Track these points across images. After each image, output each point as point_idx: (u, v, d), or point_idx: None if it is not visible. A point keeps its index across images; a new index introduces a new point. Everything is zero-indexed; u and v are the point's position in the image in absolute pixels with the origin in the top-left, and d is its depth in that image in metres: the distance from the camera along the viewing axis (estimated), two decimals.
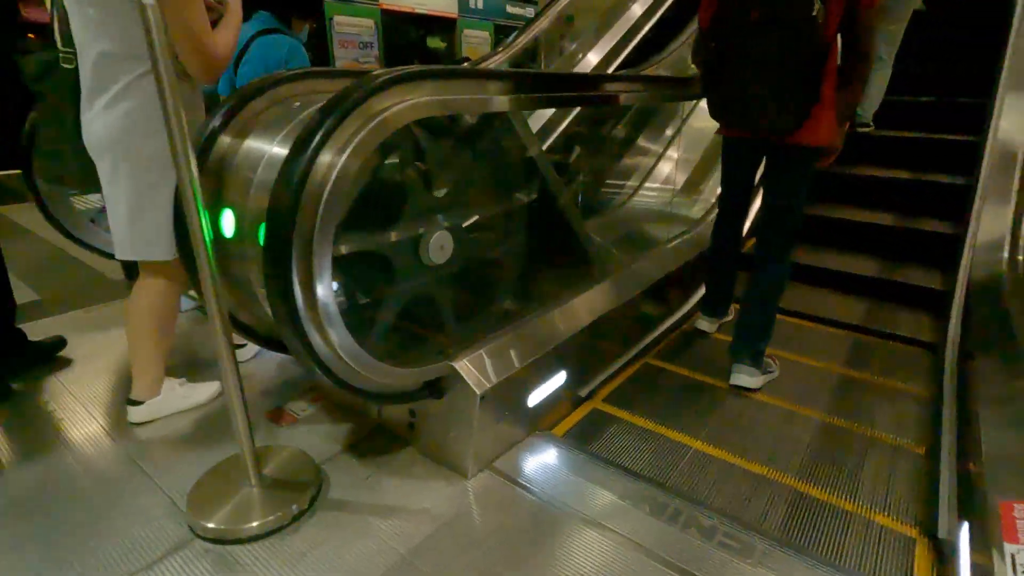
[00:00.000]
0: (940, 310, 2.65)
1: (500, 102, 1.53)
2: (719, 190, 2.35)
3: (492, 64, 4.36)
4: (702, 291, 2.84)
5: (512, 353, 1.65)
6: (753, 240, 2.39)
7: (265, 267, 1.13)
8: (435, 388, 1.52)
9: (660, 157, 3.84)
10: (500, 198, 1.86)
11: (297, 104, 1.47)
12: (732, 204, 2.33)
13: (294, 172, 1.11)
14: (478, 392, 1.49)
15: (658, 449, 1.77)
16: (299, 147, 1.13)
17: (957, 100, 3.73)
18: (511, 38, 4.51)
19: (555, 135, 3.40)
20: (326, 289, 1.16)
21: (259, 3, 2.21)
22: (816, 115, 1.85)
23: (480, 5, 10.15)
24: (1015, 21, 3.35)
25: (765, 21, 1.78)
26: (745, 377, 2.10)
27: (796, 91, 1.80)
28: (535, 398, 1.74)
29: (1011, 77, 3.12)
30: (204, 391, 1.88)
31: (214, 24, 1.46)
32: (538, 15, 4.64)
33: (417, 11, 8.96)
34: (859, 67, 1.82)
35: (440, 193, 1.54)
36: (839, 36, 1.82)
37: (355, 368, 1.29)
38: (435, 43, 9.70)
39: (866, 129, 3.64)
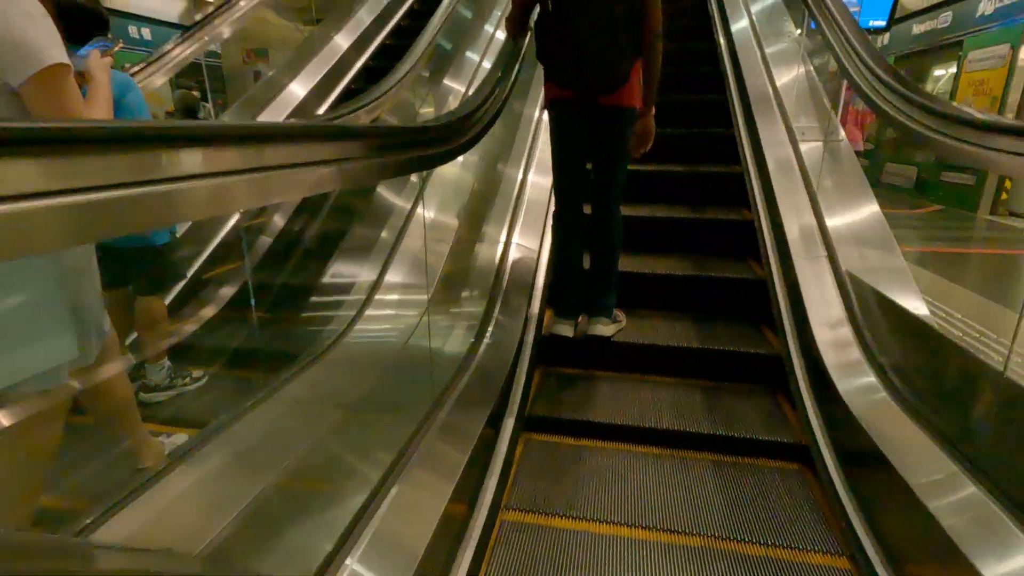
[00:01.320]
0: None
1: None
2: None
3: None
4: None
5: None
6: None
7: None
8: None
9: (392, 252, 2.50)
10: None
11: None
12: (572, 181, 2.35)
13: None
14: None
15: None
16: None
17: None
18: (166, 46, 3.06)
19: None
20: None
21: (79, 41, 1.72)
22: (631, 78, 2.14)
23: (149, 36, 8.26)
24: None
25: None
26: (602, 328, 2.35)
27: (626, 45, 2.09)
28: None
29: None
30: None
31: None
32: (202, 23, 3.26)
33: None
34: (651, 39, 2.10)
35: None
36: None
37: None
38: None
39: None
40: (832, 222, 2.40)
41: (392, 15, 4.71)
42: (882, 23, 8.07)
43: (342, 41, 3.93)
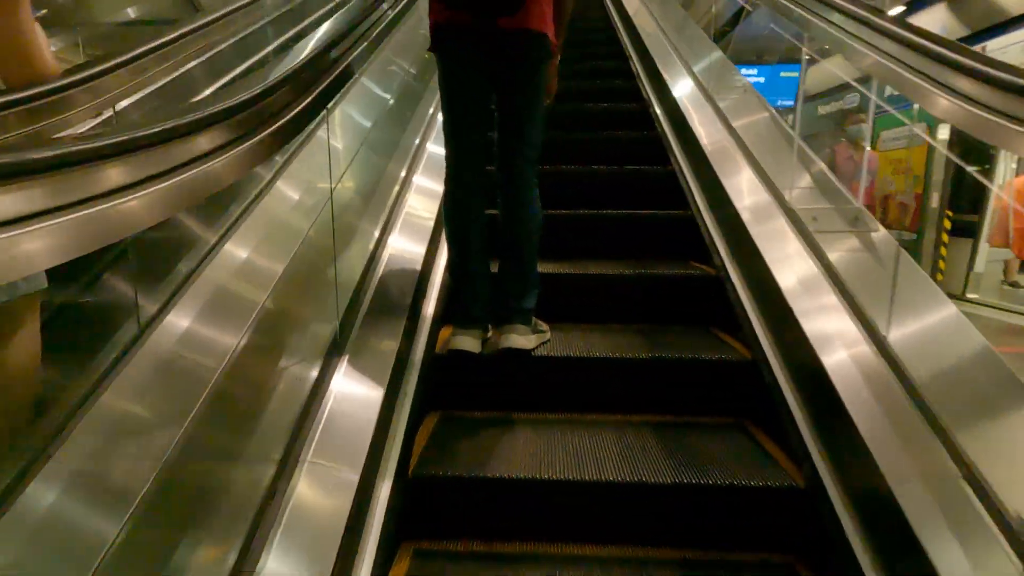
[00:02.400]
0: None
1: None
2: None
3: None
4: None
5: None
6: None
7: None
8: None
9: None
10: None
11: None
12: (469, 145, 1.79)
13: None
14: None
15: None
16: None
17: None
18: None
19: None
20: None
21: None
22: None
23: None
24: None
25: None
26: (520, 339, 1.75)
27: None
28: None
29: None
30: None
31: None
32: None
33: None
34: None
35: None
36: None
37: None
38: None
39: None
40: None
41: None
42: (789, 102, 8.24)
43: None
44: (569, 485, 1.37)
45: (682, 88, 3.22)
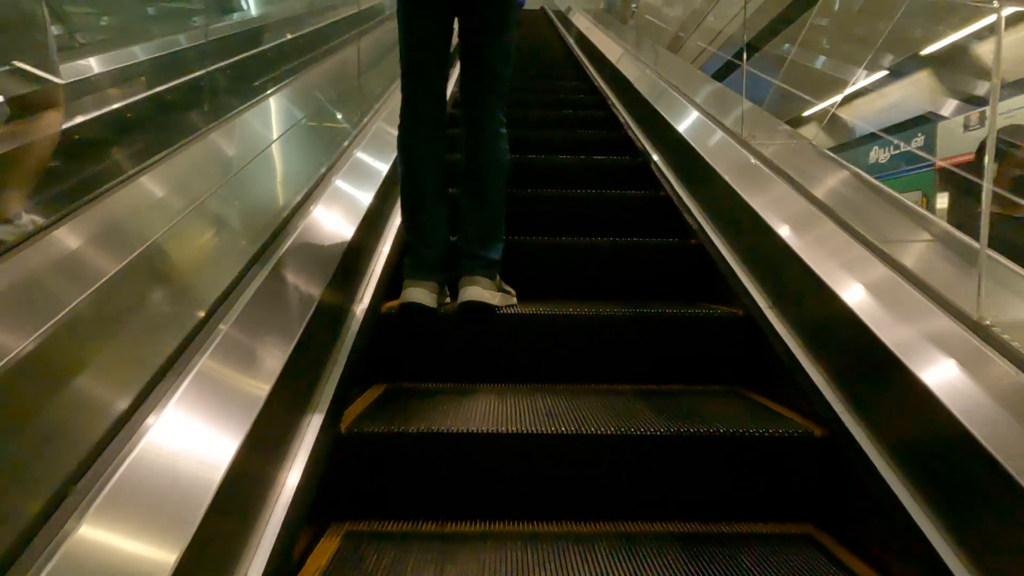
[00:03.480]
0: None
1: None
2: None
3: None
4: None
5: None
6: None
7: None
8: None
9: None
10: None
11: None
12: (427, 76, 1.56)
13: None
14: None
15: None
16: None
17: None
18: None
19: None
20: None
21: None
22: None
23: None
24: None
25: None
26: (485, 292, 1.50)
27: None
28: None
29: None
30: None
31: None
32: None
33: None
34: None
35: None
36: None
37: None
38: None
39: None
40: None
41: None
42: None
43: None
44: (543, 440, 1.09)
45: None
